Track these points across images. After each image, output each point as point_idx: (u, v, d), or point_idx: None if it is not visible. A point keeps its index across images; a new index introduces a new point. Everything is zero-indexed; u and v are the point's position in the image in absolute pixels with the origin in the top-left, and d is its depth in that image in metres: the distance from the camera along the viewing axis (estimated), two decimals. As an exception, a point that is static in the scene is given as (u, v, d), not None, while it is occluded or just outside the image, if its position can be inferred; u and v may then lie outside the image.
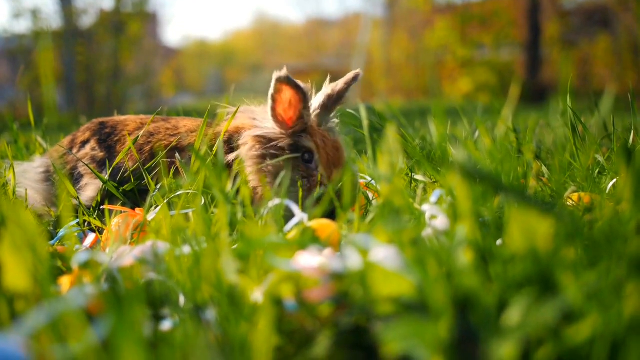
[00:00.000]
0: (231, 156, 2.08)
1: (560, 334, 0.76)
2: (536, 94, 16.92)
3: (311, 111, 2.08)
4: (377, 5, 29.16)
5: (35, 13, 17.43)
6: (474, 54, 22.17)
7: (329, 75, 2.20)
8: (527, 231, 0.82)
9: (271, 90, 1.98)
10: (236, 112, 2.09)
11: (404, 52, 24.70)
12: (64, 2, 17.49)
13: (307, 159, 2.05)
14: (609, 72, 17.85)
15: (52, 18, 17.80)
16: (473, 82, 20.64)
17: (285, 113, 2.03)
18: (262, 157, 2.03)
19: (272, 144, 2.06)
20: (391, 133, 1.14)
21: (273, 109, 2.02)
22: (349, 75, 2.20)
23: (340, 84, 2.18)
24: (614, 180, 1.25)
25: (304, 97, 1.99)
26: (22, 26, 18.10)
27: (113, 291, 0.70)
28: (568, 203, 1.44)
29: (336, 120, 2.23)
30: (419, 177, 1.88)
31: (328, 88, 2.18)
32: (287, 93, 1.98)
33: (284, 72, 1.95)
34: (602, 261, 0.78)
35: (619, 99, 2.02)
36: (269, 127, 2.08)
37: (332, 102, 2.16)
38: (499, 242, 1.08)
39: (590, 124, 3.03)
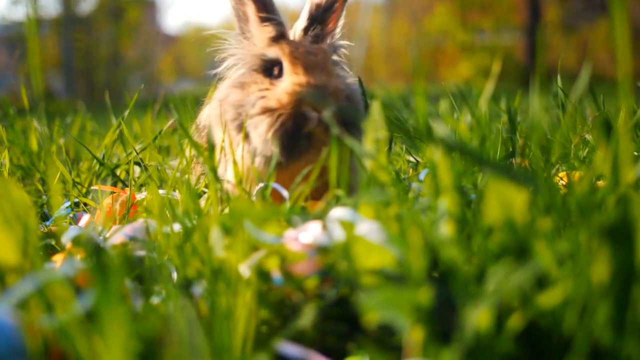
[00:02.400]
0: (201, 117, 1.76)
1: (533, 299, 0.79)
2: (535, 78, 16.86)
3: (285, 22, 1.66)
4: (377, -10, 29.08)
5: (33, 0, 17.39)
6: (474, 39, 22.13)
7: None
8: (503, 203, 0.84)
9: (232, 3, 1.66)
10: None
11: (405, 37, 24.65)
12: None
13: (278, 75, 1.56)
14: (609, 57, 17.81)
15: (51, 4, 17.78)
16: (473, 66, 20.61)
17: (254, 30, 1.65)
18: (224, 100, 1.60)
19: (239, 64, 1.66)
20: (377, 109, 1.15)
21: (239, 25, 1.68)
22: None
23: None
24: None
25: (264, 2, 1.61)
26: (21, 13, 18.08)
27: (98, 263, 0.72)
28: (557, 181, 1.46)
29: (342, 43, 1.76)
30: (411, 158, 1.90)
31: None
32: (248, 2, 1.62)
33: None
34: (575, 230, 0.80)
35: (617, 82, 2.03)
36: (237, 50, 1.69)
37: (322, 12, 1.68)
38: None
39: (585, 105, 3.04)
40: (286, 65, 1.54)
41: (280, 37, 1.62)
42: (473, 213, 1.01)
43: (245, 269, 1.07)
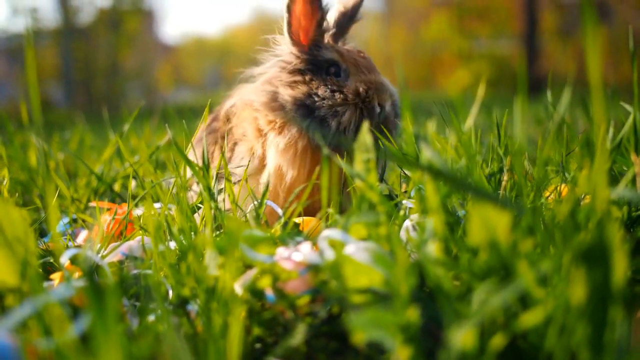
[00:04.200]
0: (226, 105, 1.82)
1: (516, 318, 0.81)
2: (533, 86, 16.94)
3: (326, 26, 1.75)
4: (376, -2, 29.19)
5: (33, 11, 17.47)
6: (472, 47, 22.20)
7: None
8: (486, 225, 0.87)
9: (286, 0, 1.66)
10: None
11: (402, 44, 24.70)
12: (62, 0, 17.52)
13: (334, 73, 1.68)
14: (606, 64, 17.86)
15: (51, 15, 17.86)
16: (471, 74, 20.65)
17: (303, 30, 1.71)
18: (273, 96, 1.66)
19: (285, 69, 1.71)
20: (365, 131, 1.18)
21: (289, 23, 1.70)
22: None
23: None
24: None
25: (320, 3, 1.67)
26: (21, 25, 18.15)
27: (93, 285, 0.74)
28: (548, 197, 1.49)
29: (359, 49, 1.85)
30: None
31: (340, 4, 1.84)
32: (303, 2, 1.66)
33: None
34: (556, 251, 0.82)
35: (615, 91, 2.05)
36: (283, 49, 1.76)
37: (347, 20, 1.83)
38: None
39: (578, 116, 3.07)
40: (347, 66, 1.69)
41: (323, 37, 1.74)
42: (461, 232, 1.04)
43: (238, 287, 1.10)
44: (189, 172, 1.54)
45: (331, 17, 1.81)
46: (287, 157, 1.62)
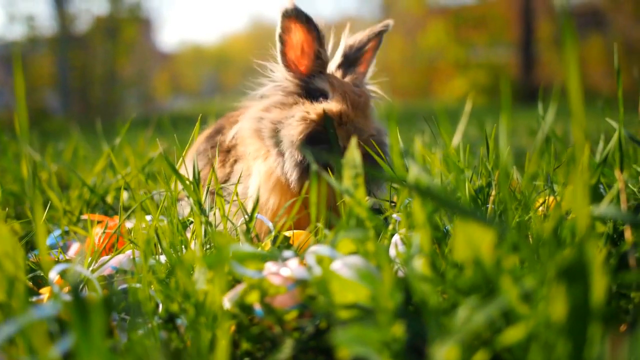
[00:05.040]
0: (230, 134, 1.80)
1: (500, 334, 0.82)
2: (529, 94, 17.02)
3: (329, 57, 1.76)
4: (373, 8, 29.30)
5: (29, 19, 17.49)
6: (469, 55, 22.25)
7: (348, 24, 1.86)
8: (470, 242, 0.88)
9: (278, 29, 1.66)
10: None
11: (400, 53, 24.74)
12: (59, 8, 17.53)
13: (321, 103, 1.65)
14: (602, 73, 17.94)
15: (48, 23, 17.87)
16: (468, 83, 20.70)
17: (298, 60, 1.72)
18: (258, 124, 1.66)
19: (279, 89, 1.73)
20: (354, 147, 1.19)
21: (283, 54, 1.70)
22: (377, 25, 1.89)
23: (364, 32, 1.86)
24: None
25: (318, 36, 1.67)
26: (17, 32, 18.16)
27: (77, 303, 0.75)
28: (538, 208, 1.50)
29: (370, 85, 1.88)
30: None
31: (349, 38, 1.85)
32: (298, 34, 1.67)
33: (291, 4, 1.63)
34: (539, 268, 0.83)
35: (610, 100, 2.07)
36: (278, 76, 1.76)
37: (354, 52, 1.83)
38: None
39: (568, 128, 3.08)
40: (333, 97, 1.65)
41: (323, 68, 1.73)
42: (447, 248, 1.04)
43: (227, 302, 1.10)
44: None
45: (339, 50, 1.82)
46: (267, 185, 1.63)
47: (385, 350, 0.87)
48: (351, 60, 1.83)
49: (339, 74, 1.78)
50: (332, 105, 1.61)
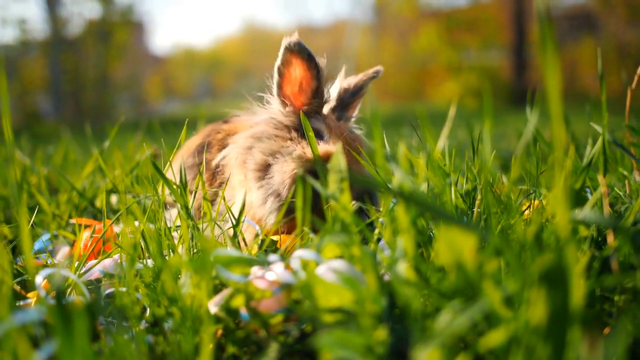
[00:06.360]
0: (217, 157, 1.77)
1: (480, 337, 0.83)
2: (521, 97, 17.09)
3: (326, 97, 1.73)
4: (366, 11, 29.36)
5: (21, 22, 17.45)
6: (461, 58, 22.32)
7: (344, 66, 1.85)
8: (453, 247, 0.88)
9: (278, 62, 1.63)
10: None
11: (393, 57, 24.79)
12: (51, 11, 17.51)
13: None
14: (594, 76, 18.01)
15: (40, 27, 17.85)
16: (460, 86, 20.76)
17: (295, 95, 1.69)
18: (245, 155, 1.65)
19: (273, 122, 1.69)
20: (338, 152, 1.20)
21: (279, 86, 1.67)
22: (369, 70, 1.88)
23: (358, 77, 1.86)
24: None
25: (318, 73, 1.64)
26: (9, 35, 18.11)
27: (60, 308, 0.75)
28: (525, 211, 1.50)
29: (358, 129, 1.89)
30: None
31: (344, 81, 1.84)
32: (298, 69, 1.64)
33: (295, 38, 1.59)
34: (521, 272, 0.84)
35: (599, 103, 2.07)
36: (273, 108, 1.72)
37: (349, 96, 1.82)
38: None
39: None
40: (329, 139, 1.64)
41: (320, 107, 1.71)
42: (431, 252, 1.05)
43: (213, 306, 1.11)
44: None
45: (334, 92, 1.80)
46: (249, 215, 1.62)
47: (369, 354, 0.88)
48: (345, 104, 1.81)
49: (333, 116, 1.76)
50: (330, 147, 1.59)
